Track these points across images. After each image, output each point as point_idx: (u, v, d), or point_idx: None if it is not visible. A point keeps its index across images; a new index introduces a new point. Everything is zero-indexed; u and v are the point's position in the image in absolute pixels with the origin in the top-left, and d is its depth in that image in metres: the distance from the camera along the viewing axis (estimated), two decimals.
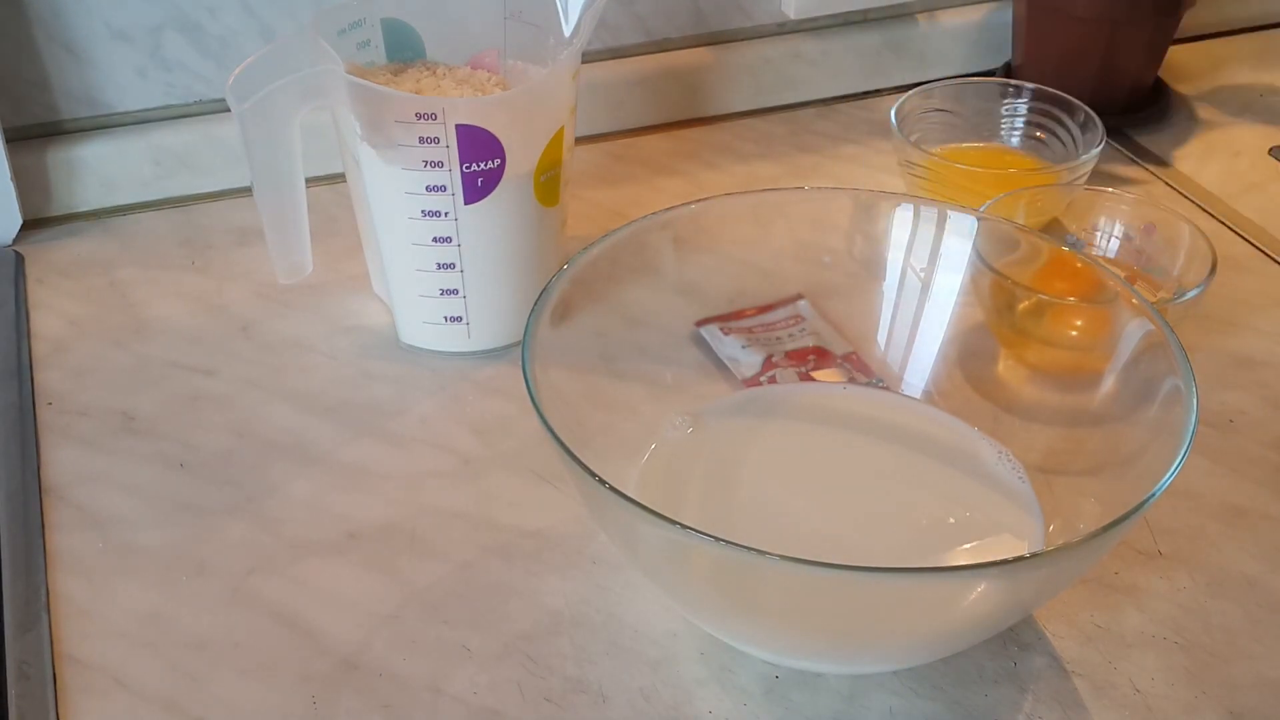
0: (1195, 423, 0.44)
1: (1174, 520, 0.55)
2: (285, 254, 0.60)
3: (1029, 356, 0.58)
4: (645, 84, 0.81)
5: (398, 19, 0.61)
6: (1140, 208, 0.66)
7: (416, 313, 0.62)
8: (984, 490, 0.52)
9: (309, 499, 0.55)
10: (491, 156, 0.57)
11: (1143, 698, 0.48)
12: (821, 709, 0.47)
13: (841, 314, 0.59)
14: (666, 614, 0.50)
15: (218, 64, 0.72)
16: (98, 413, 0.59)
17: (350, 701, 0.47)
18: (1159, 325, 0.49)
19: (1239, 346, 0.64)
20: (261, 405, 0.60)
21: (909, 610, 0.43)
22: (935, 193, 0.70)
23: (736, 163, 0.79)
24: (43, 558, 0.52)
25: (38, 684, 0.47)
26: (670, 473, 0.52)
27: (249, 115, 0.55)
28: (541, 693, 0.47)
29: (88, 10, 0.69)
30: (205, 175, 0.74)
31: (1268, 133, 0.83)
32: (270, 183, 0.57)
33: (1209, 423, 0.59)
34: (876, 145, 0.80)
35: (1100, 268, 0.53)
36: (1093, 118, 0.72)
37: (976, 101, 0.76)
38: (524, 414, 0.58)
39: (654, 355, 0.56)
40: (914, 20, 0.85)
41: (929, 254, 0.56)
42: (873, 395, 0.57)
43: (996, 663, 0.49)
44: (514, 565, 0.52)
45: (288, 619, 0.50)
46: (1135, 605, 0.51)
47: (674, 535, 0.41)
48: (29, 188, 0.70)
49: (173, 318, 0.65)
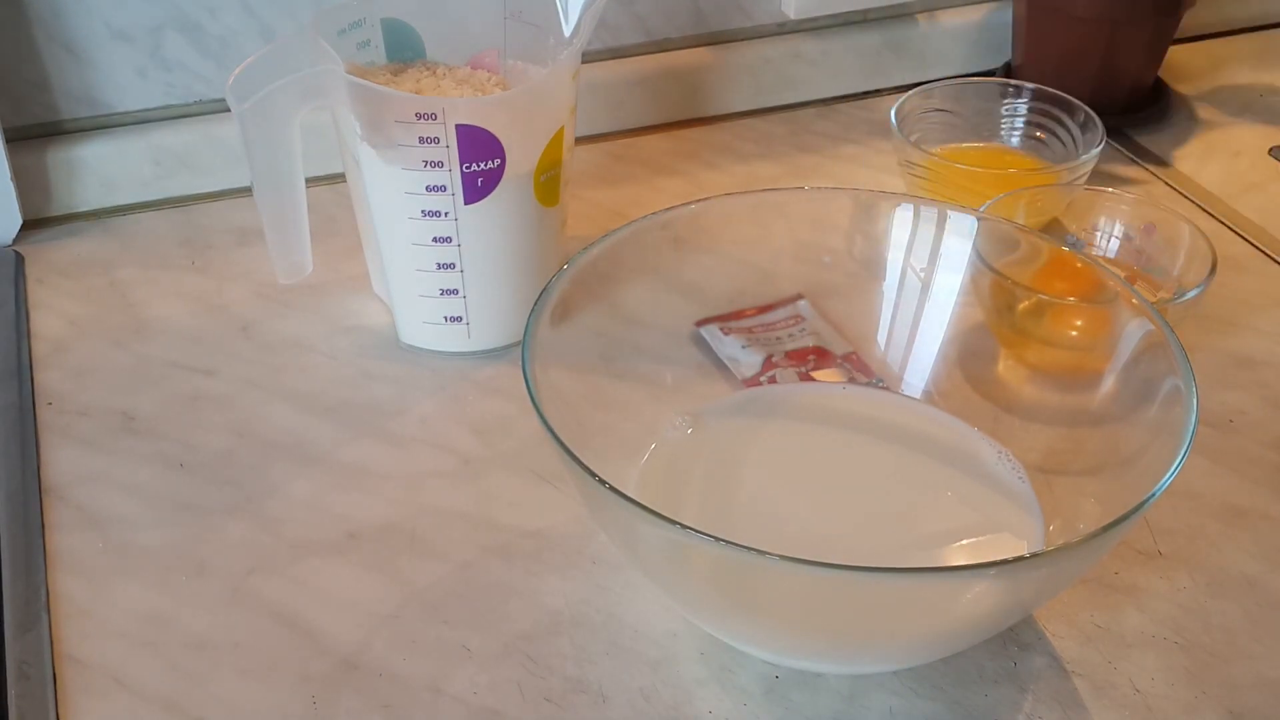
0: (1195, 423, 0.44)
1: (1174, 520, 0.55)
2: (285, 254, 0.60)
3: (1029, 356, 0.58)
4: (645, 84, 0.81)
5: (398, 19, 0.61)
6: (1140, 208, 0.66)
7: (416, 313, 0.62)
8: (984, 490, 0.52)
9: (309, 499, 0.55)
10: (491, 156, 0.57)
11: (1143, 698, 0.48)
12: (821, 709, 0.47)
13: (841, 314, 0.59)
14: (666, 614, 0.50)
15: (218, 64, 0.72)
16: (98, 413, 0.59)
17: (350, 701, 0.47)
18: (1159, 325, 0.49)
19: (1239, 346, 0.64)
20: (261, 405, 0.60)
21: (909, 610, 0.43)
22: (935, 193, 0.70)
23: (736, 163, 0.79)
24: (43, 558, 0.52)
25: (38, 684, 0.47)
26: (670, 473, 0.52)
27: (249, 115, 0.55)
28: (541, 693, 0.47)
29: (88, 10, 0.69)
30: (205, 175, 0.74)
31: (1268, 133, 0.83)
32: (270, 183, 0.57)
33: (1209, 423, 0.59)
34: (876, 145, 0.80)
35: (1100, 268, 0.53)
36: (1093, 118, 0.72)
37: (976, 101, 0.76)
38: (524, 414, 0.58)
39: (654, 355, 0.56)
40: (914, 20, 0.85)
41: (929, 254, 0.56)
42: (873, 395, 0.57)
43: (996, 663, 0.49)
44: (514, 565, 0.52)
45: (288, 619, 0.50)
46: (1135, 605, 0.51)
47: (674, 535, 0.41)
48: (29, 188, 0.70)
49: (173, 318, 0.65)
